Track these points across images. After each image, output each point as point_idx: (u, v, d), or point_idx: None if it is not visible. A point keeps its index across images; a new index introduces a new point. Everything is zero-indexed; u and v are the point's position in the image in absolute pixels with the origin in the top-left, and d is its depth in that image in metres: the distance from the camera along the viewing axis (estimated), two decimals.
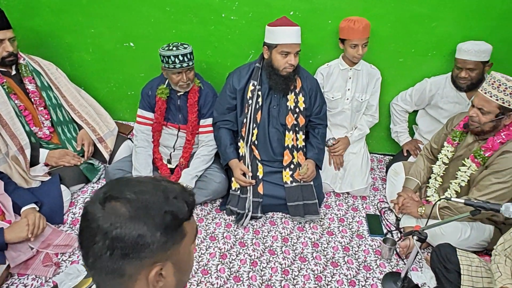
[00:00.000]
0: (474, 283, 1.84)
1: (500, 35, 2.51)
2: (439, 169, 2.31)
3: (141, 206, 0.74)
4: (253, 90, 2.39)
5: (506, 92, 1.86)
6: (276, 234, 2.39)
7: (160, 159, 2.58)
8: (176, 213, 0.77)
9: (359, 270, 2.19)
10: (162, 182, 0.82)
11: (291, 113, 2.43)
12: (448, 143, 2.26)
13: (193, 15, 2.64)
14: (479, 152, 2.04)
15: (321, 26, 2.62)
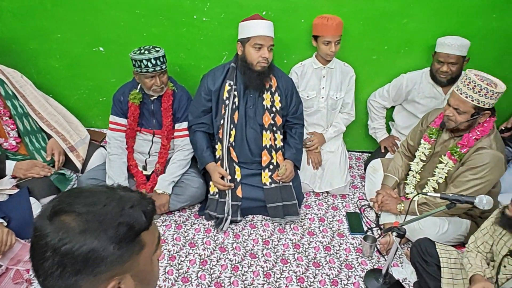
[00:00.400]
0: (453, 275, 1.89)
1: (469, 30, 2.59)
2: (416, 166, 2.37)
3: (92, 219, 0.71)
4: (230, 90, 2.38)
5: (481, 93, 1.91)
6: (256, 237, 2.40)
7: (135, 166, 2.54)
8: (132, 224, 0.75)
9: (341, 269, 2.21)
10: (118, 191, 0.80)
11: (268, 112, 2.44)
12: (425, 140, 2.32)
13: (164, 18, 2.62)
14: (456, 149, 2.10)
15: (294, 25, 2.64)
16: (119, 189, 0.81)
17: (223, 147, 2.46)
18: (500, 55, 2.72)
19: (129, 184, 2.47)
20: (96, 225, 0.71)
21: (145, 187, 2.48)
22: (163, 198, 2.40)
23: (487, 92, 1.89)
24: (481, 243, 1.82)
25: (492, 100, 1.93)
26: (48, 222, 0.71)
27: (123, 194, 0.79)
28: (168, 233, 2.39)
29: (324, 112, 2.76)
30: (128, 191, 0.82)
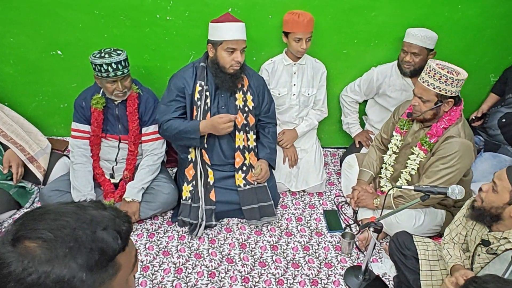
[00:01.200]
0: (431, 267, 1.95)
1: (436, 21, 2.69)
2: (389, 158, 2.44)
3: (60, 245, 0.67)
4: (201, 91, 2.37)
5: (441, 80, 2.00)
6: (233, 241, 2.41)
7: (102, 174, 2.51)
8: (105, 248, 0.71)
9: (321, 268, 2.25)
10: (88, 210, 0.75)
11: (241, 112, 2.46)
12: (396, 132, 2.39)
13: (125, 18, 2.59)
14: (425, 139, 2.18)
15: (262, 21, 2.67)
16: (90, 207, 0.77)
17: (196, 149, 2.45)
18: (467, 46, 2.84)
19: (96, 193, 2.43)
20: (64, 252, 0.67)
21: (114, 195, 2.45)
22: (133, 206, 2.37)
23: (446, 79, 1.98)
24: (455, 234, 1.90)
25: (454, 88, 2.02)
26: (10, 249, 0.66)
27: (94, 214, 0.75)
28: (140, 242, 2.37)
29: (296, 109, 2.80)
30: (101, 208, 0.78)
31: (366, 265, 2.10)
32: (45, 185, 2.53)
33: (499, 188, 1.58)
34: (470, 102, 2.97)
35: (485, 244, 1.69)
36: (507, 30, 2.79)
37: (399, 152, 2.39)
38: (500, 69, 2.89)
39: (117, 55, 2.19)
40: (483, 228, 1.73)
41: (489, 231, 1.69)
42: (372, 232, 1.96)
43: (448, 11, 2.70)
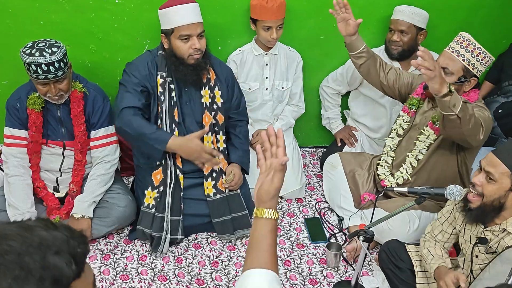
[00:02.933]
0: (428, 279, 1.98)
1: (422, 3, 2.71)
2: (392, 141, 2.45)
3: (2, 275, 0.64)
4: (163, 84, 2.31)
5: (473, 53, 2.03)
6: (203, 259, 2.37)
7: (44, 187, 2.41)
8: (58, 276, 0.69)
9: (305, 285, 2.24)
10: (36, 231, 0.71)
11: (208, 111, 2.40)
12: (404, 111, 2.40)
13: (64, 1, 2.48)
14: (439, 117, 2.16)
15: (228, 4, 2.63)
16: (38, 227, 0.73)
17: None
18: (459, 27, 2.86)
19: (38, 210, 2.32)
20: (8, 282, 0.64)
21: (59, 212, 2.35)
22: (83, 223, 2.28)
23: (479, 53, 2.03)
24: (438, 232, 1.94)
25: (482, 66, 2.07)
26: None
27: (43, 235, 0.71)
28: (93, 266, 2.28)
29: (270, 106, 2.79)
30: (51, 228, 0.74)
31: (356, 280, 2.09)
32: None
33: (496, 176, 1.61)
34: None
35: (483, 242, 1.72)
36: (502, 10, 2.87)
37: (405, 134, 2.40)
38: (495, 54, 2.94)
39: (50, 53, 2.06)
40: (477, 226, 1.76)
41: (485, 228, 1.72)
42: (362, 241, 1.96)
43: None
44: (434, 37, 2.74)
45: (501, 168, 1.60)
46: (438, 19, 2.72)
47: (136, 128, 2.21)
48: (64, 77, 2.15)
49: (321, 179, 2.93)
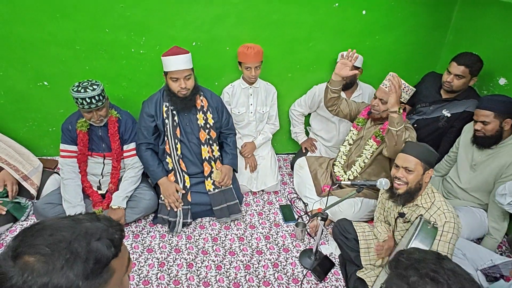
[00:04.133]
0: (368, 245, 2.06)
1: (361, 48, 2.81)
2: (345, 148, 2.53)
3: (57, 258, 0.64)
4: (167, 111, 2.37)
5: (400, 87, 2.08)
6: (206, 236, 2.41)
7: (90, 186, 2.43)
8: (100, 257, 0.69)
9: (280, 253, 2.30)
10: (83, 223, 0.72)
11: (203, 129, 2.46)
12: (354, 127, 2.49)
13: (103, 52, 2.54)
14: (379, 133, 2.29)
15: (221, 52, 2.70)
16: (85, 220, 0.73)
17: (173, 159, 2.44)
18: (386, 67, 2.99)
19: (85, 203, 2.35)
20: (61, 264, 0.64)
21: (101, 204, 2.38)
22: (119, 212, 2.32)
23: (404, 87, 2.12)
24: (379, 214, 2.02)
25: (406, 95, 2.17)
26: (11, 263, 0.63)
27: (88, 226, 0.71)
28: (127, 243, 2.32)
29: (254, 124, 2.84)
30: (95, 220, 0.74)
31: (316, 248, 2.17)
32: (38, 199, 2.43)
33: (412, 167, 1.68)
34: None
35: (401, 216, 1.81)
36: (415, 54, 2.98)
37: (353, 144, 2.48)
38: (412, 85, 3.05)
39: (92, 90, 2.10)
40: (398, 206, 1.84)
41: (403, 206, 1.81)
42: (319, 220, 2.03)
43: (369, 41, 2.85)
44: (369, 74, 2.84)
45: (413, 160, 1.67)
46: (371, 61, 2.83)
47: (144, 162, 2.44)
48: (103, 107, 2.19)
49: (291, 177, 2.99)
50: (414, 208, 1.76)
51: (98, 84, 2.17)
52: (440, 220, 1.63)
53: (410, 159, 1.68)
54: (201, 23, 2.57)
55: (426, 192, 1.73)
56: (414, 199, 1.76)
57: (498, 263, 1.91)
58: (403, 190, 1.73)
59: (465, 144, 2.32)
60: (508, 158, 2.07)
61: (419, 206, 1.74)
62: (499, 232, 2.16)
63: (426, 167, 1.68)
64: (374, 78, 2.94)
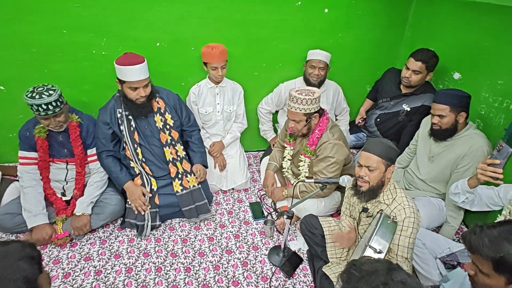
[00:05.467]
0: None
1: (324, 46, 2.73)
2: (286, 164, 2.41)
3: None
4: (121, 117, 2.18)
5: (303, 103, 1.99)
6: (176, 237, 2.26)
7: (53, 193, 2.22)
8: (27, 275, 0.66)
9: (249, 251, 2.19)
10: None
11: (162, 131, 2.28)
12: (287, 144, 2.36)
13: (62, 54, 2.32)
14: (307, 149, 2.17)
15: (186, 53, 2.54)
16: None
17: (137, 164, 2.27)
18: (348, 64, 2.93)
19: (48, 211, 2.15)
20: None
21: (65, 212, 2.18)
22: (84, 219, 2.13)
23: (307, 101, 1.98)
24: (345, 208, 1.94)
25: (314, 105, 2.01)
26: None
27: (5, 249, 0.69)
28: (93, 250, 2.14)
29: (221, 123, 2.70)
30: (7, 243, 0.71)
31: (284, 244, 2.07)
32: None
33: (373, 165, 1.60)
34: (354, 107, 3.08)
35: (364, 211, 1.74)
36: (376, 51, 2.92)
37: (293, 159, 2.37)
38: (373, 81, 3.02)
39: (48, 95, 1.89)
40: (362, 201, 1.76)
41: (367, 202, 1.73)
42: (285, 219, 1.93)
43: (332, 39, 2.76)
44: (333, 71, 2.75)
45: (374, 159, 1.59)
46: (334, 59, 2.74)
47: (106, 169, 2.24)
48: (61, 112, 1.99)
49: (260, 173, 2.87)
50: (376, 204, 1.69)
51: (54, 89, 1.95)
52: (400, 215, 1.56)
53: (372, 158, 1.60)
54: (164, 24, 2.40)
55: (388, 188, 1.66)
56: (378, 195, 1.69)
57: (455, 251, 1.87)
58: (366, 188, 1.67)
59: (423, 137, 2.27)
60: (463, 149, 2.02)
61: (381, 202, 1.66)
62: (456, 220, 2.13)
63: (387, 164, 1.60)
64: (338, 75, 2.86)
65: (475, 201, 1.83)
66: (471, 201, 1.84)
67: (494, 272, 1.05)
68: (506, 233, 1.05)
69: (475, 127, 2.08)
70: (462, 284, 1.50)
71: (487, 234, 1.07)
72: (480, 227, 1.11)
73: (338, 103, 2.85)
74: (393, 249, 1.57)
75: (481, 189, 1.80)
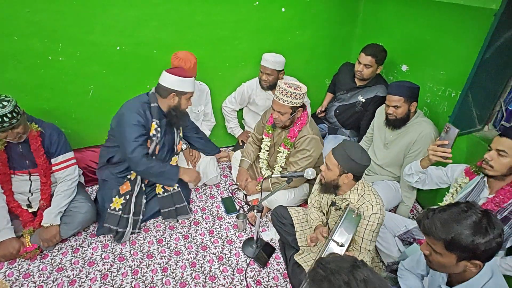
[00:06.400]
0: (303, 228, 1.99)
1: (283, 44, 2.74)
2: (263, 155, 2.40)
3: None
4: (156, 129, 2.07)
5: (292, 97, 1.97)
6: (151, 238, 2.18)
7: (18, 206, 2.05)
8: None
9: (224, 245, 2.16)
10: None
11: (181, 140, 2.32)
12: (265, 136, 2.34)
13: (16, 62, 2.12)
14: (287, 140, 2.17)
15: (149, 55, 2.42)
16: None
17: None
18: (307, 60, 2.95)
19: (14, 224, 1.98)
20: None
21: (32, 224, 2.03)
22: (52, 230, 1.99)
23: (295, 95, 1.97)
24: (314, 201, 1.95)
25: (300, 100, 2.01)
26: None
27: None
28: (66, 259, 2.01)
29: None
30: None
31: (257, 236, 2.06)
32: None
33: (330, 166, 1.62)
34: (315, 100, 3.11)
35: (333, 205, 1.76)
36: (331, 47, 2.95)
37: (270, 150, 2.37)
38: (330, 75, 3.06)
39: (1, 107, 1.70)
40: (331, 195, 1.80)
41: (335, 196, 1.77)
42: (256, 212, 1.92)
43: (290, 37, 2.76)
44: (292, 67, 2.76)
45: (332, 161, 1.60)
46: (293, 56, 2.74)
47: (153, 171, 2.05)
48: (18, 124, 1.81)
49: (231, 169, 2.82)
50: (343, 200, 1.72)
51: (8, 100, 1.77)
52: (367, 211, 1.59)
53: (332, 160, 1.62)
54: (123, 27, 2.26)
55: (355, 188, 1.67)
56: (337, 192, 1.71)
57: (411, 228, 1.96)
58: (323, 182, 1.71)
59: (378, 125, 2.35)
60: (413, 135, 2.11)
61: (347, 200, 1.69)
62: (410, 200, 2.24)
63: (343, 171, 1.61)
64: (297, 71, 2.87)
65: (426, 181, 1.92)
66: (423, 180, 1.93)
67: (446, 251, 1.10)
68: (455, 215, 1.10)
69: (423, 114, 2.18)
70: (418, 261, 1.57)
71: (438, 218, 1.11)
72: (432, 211, 1.15)
73: None
74: (358, 241, 1.61)
75: (431, 170, 1.88)
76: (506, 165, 1.47)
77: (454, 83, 2.10)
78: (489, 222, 1.06)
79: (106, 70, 2.37)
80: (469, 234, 1.05)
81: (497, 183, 1.57)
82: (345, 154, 1.58)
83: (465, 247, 1.06)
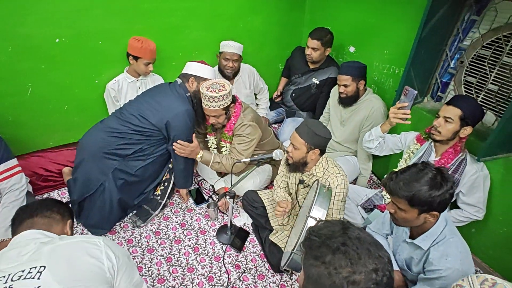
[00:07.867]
0: (274, 209, 1.98)
1: (236, 31, 2.66)
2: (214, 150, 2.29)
3: None
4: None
5: (219, 100, 1.88)
6: (120, 240, 2.02)
7: None
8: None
9: (198, 236, 2.08)
10: None
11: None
12: (209, 135, 2.24)
13: None
14: (225, 135, 2.09)
15: (94, 48, 2.18)
16: None
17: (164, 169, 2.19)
18: (259, 46, 2.90)
19: None
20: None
21: None
22: (4, 245, 1.73)
23: (221, 97, 1.88)
24: (280, 181, 1.95)
25: (229, 97, 1.93)
26: None
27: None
28: None
29: None
30: None
31: (230, 222, 2.01)
32: None
33: (297, 145, 1.62)
34: (270, 85, 3.09)
35: (301, 182, 1.77)
36: (282, 33, 2.95)
37: (218, 147, 2.27)
38: (284, 60, 3.06)
39: None
40: (297, 173, 1.80)
41: (302, 173, 1.77)
42: (228, 199, 1.87)
43: (242, 23, 2.69)
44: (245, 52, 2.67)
45: (299, 139, 1.60)
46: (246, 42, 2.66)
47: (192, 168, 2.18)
48: None
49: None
50: (310, 176, 1.73)
51: None
52: (333, 183, 1.62)
53: (298, 139, 1.61)
54: (62, 17, 2.00)
55: (320, 162, 1.69)
56: (305, 169, 1.71)
57: (371, 196, 2.07)
58: (291, 162, 1.70)
59: (333, 105, 2.41)
60: (365, 112, 2.20)
61: (314, 175, 1.70)
62: (367, 171, 2.35)
63: (310, 148, 1.61)
64: (251, 57, 2.82)
65: (384, 147, 2.01)
66: (381, 146, 2.00)
67: (409, 207, 1.22)
68: (414, 175, 1.21)
69: (372, 91, 2.28)
70: (383, 222, 1.67)
71: (401, 179, 1.22)
72: (395, 173, 1.26)
73: (256, 84, 2.82)
74: (329, 213, 1.64)
75: (388, 137, 1.97)
76: (451, 131, 1.60)
77: (397, 61, 2.21)
78: (442, 177, 1.19)
79: (45, 65, 2.08)
80: (427, 189, 1.17)
81: (442, 147, 1.71)
82: (310, 131, 1.59)
83: (424, 201, 1.18)
